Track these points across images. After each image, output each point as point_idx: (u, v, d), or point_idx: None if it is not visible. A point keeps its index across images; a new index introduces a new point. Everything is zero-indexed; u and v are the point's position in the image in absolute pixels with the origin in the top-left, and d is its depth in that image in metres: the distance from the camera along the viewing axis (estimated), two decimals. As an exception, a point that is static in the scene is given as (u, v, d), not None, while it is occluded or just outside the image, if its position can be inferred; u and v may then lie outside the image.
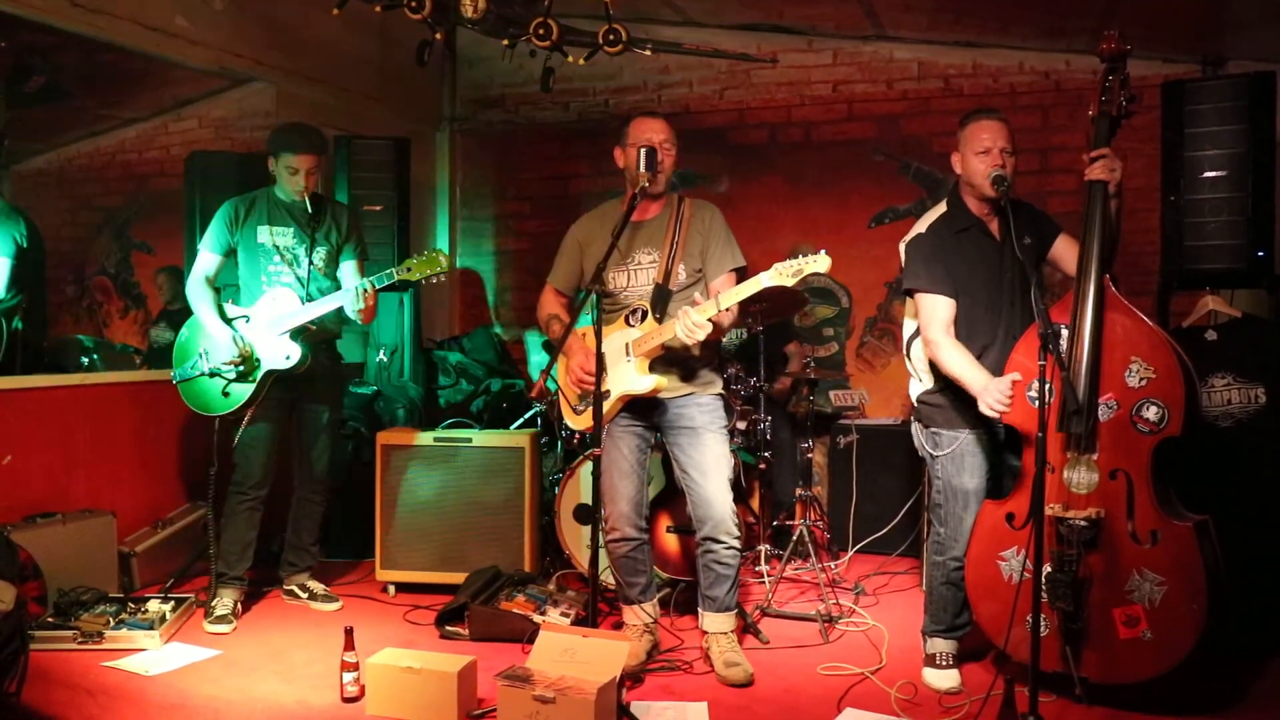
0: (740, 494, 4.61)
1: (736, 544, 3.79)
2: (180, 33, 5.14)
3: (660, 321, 3.69)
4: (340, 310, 4.34)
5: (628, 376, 3.72)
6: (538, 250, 6.98)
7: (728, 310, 3.53)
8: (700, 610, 3.89)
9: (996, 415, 3.30)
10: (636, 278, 3.81)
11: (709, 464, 3.76)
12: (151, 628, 4.02)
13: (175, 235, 5.68)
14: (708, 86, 6.52)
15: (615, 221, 3.60)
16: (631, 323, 3.75)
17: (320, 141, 4.46)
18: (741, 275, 3.78)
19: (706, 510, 3.76)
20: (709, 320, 3.47)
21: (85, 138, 7.26)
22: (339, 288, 4.43)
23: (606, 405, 3.74)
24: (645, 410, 3.82)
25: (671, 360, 3.76)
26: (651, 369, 3.72)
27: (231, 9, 5.38)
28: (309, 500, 4.67)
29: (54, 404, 4.68)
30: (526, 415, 5.58)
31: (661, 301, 3.74)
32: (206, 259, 4.44)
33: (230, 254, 4.45)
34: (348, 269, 4.55)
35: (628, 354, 3.73)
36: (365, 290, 4.25)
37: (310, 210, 4.44)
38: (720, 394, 3.89)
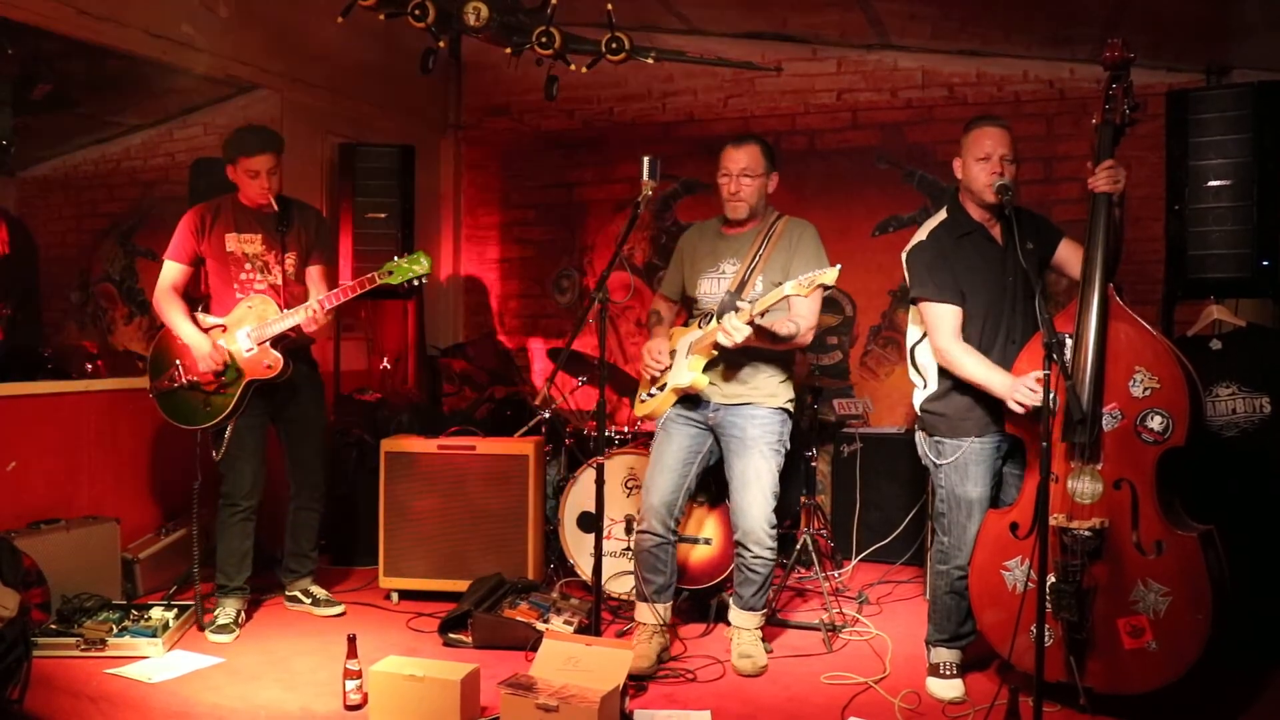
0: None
1: (766, 554, 3.89)
2: (186, 40, 5.16)
3: None
4: None
5: (678, 371, 3.89)
6: (542, 258, 7.00)
7: (765, 317, 3.63)
8: (730, 603, 4.03)
9: (1025, 410, 3.29)
10: (718, 286, 3.94)
11: (749, 477, 3.86)
12: (154, 635, 4.02)
13: (180, 243, 5.68)
14: (712, 94, 6.52)
15: (713, 233, 4.00)
16: (701, 325, 3.90)
17: (276, 140, 4.34)
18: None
19: (739, 519, 3.89)
20: (746, 325, 3.58)
21: (91, 145, 7.27)
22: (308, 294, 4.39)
23: (660, 398, 3.94)
24: (697, 407, 3.94)
25: (730, 364, 3.87)
26: (709, 369, 3.85)
27: (237, 16, 5.40)
28: (306, 509, 4.66)
29: (58, 410, 4.68)
30: (530, 423, 5.57)
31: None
32: (173, 269, 4.35)
33: (197, 263, 4.38)
34: (313, 274, 4.49)
35: (686, 353, 3.89)
36: (314, 310, 4.18)
37: (277, 213, 4.35)
38: (783, 408, 3.94)
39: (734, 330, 3.58)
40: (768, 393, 3.90)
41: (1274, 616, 3.84)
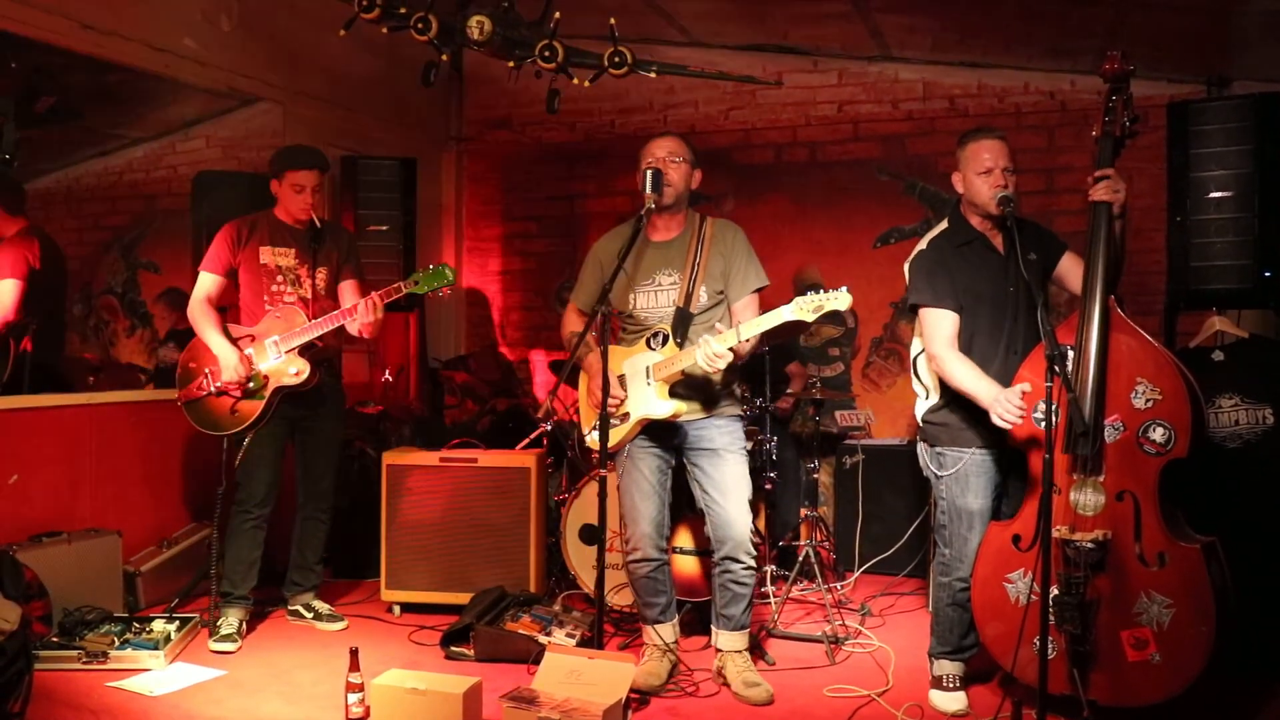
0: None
1: (754, 564, 3.81)
2: (188, 54, 5.18)
3: (681, 346, 3.70)
4: (340, 330, 4.36)
5: (648, 401, 3.72)
6: (544, 270, 7.01)
7: (753, 336, 3.56)
8: (714, 629, 3.90)
9: (1008, 426, 3.28)
10: (657, 299, 3.82)
11: (729, 485, 3.77)
12: (156, 648, 4.02)
13: (182, 255, 5.70)
14: (713, 107, 6.54)
15: (636, 241, 3.68)
16: (653, 346, 3.75)
17: (324, 160, 4.49)
18: (764, 294, 3.82)
19: (726, 531, 3.76)
20: (729, 350, 3.49)
21: (93, 158, 7.29)
22: (338, 308, 4.45)
23: (625, 428, 3.76)
24: (665, 433, 3.83)
25: (691, 384, 3.77)
26: (671, 393, 3.73)
27: (239, 30, 5.42)
28: (313, 519, 4.68)
29: (60, 423, 4.68)
30: (532, 435, 5.57)
31: (682, 325, 3.74)
32: (208, 280, 4.45)
33: (231, 275, 4.47)
34: (346, 289, 4.57)
35: (648, 378, 3.73)
36: (375, 303, 4.26)
37: (312, 230, 4.46)
38: (739, 415, 3.90)
39: (718, 359, 3.49)
40: (725, 402, 3.85)
41: (1278, 628, 3.83)
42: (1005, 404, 3.26)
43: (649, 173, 3.65)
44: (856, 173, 6.23)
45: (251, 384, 4.30)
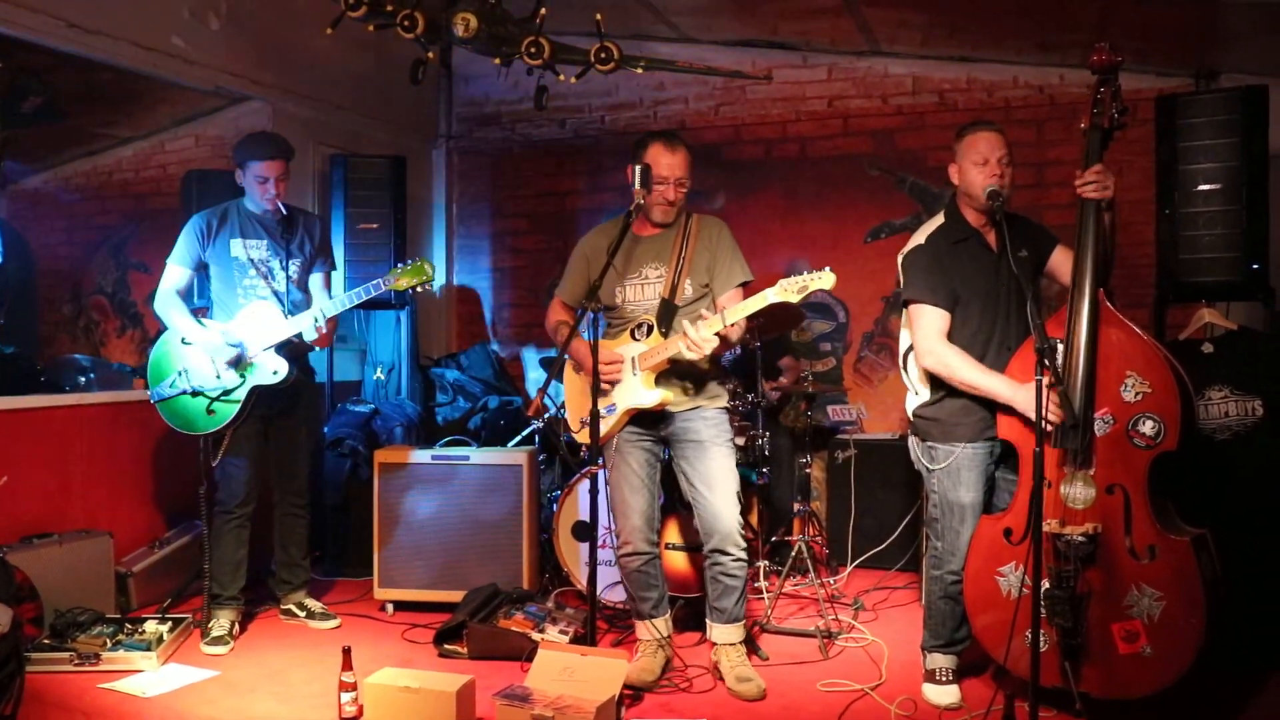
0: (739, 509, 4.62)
1: (744, 556, 3.80)
2: (177, 52, 5.16)
3: (666, 336, 3.71)
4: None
5: (634, 391, 3.74)
6: (535, 267, 7.01)
7: (733, 325, 3.56)
8: (708, 622, 3.90)
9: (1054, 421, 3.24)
10: (643, 292, 3.82)
11: (716, 477, 3.77)
12: (149, 649, 4.00)
13: (172, 254, 5.69)
14: (703, 103, 6.54)
15: (622, 235, 3.67)
16: (638, 337, 3.77)
17: (287, 148, 4.38)
18: (748, 289, 3.82)
19: (714, 523, 3.76)
20: (714, 335, 3.50)
21: (82, 157, 7.28)
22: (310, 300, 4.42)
23: (613, 419, 3.77)
24: (652, 424, 3.84)
25: (677, 374, 3.77)
26: (657, 383, 3.73)
27: (228, 29, 5.40)
28: (292, 516, 4.65)
29: (51, 424, 4.67)
30: (524, 432, 5.57)
31: (667, 316, 3.76)
32: (175, 273, 4.35)
33: (200, 268, 4.39)
34: (315, 282, 4.54)
35: (634, 368, 3.74)
36: (319, 323, 4.21)
37: (283, 220, 4.38)
38: (725, 407, 3.90)
39: (703, 344, 3.49)
40: (713, 395, 3.86)
41: (1268, 620, 3.85)
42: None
43: (637, 169, 3.65)
44: (847, 168, 6.23)
45: (240, 371, 4.21)
